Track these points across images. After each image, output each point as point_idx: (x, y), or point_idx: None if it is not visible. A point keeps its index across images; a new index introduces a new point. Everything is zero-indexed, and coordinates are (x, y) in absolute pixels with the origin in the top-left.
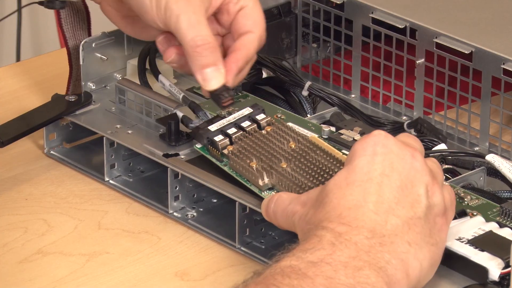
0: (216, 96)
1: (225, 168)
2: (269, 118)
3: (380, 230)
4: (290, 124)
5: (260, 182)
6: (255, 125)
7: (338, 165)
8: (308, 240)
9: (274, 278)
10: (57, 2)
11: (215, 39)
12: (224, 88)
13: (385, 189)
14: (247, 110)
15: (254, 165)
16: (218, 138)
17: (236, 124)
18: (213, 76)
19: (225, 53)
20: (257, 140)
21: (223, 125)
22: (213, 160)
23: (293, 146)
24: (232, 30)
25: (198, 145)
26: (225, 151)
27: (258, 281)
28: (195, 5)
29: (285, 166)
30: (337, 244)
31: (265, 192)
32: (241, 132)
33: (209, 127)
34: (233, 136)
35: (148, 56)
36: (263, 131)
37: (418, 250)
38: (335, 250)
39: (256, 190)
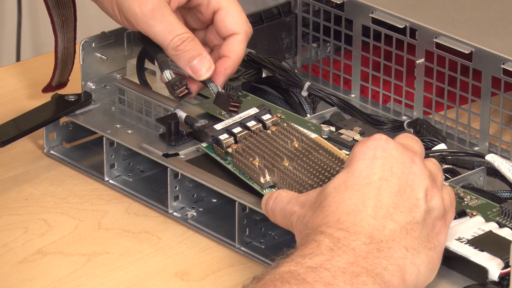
0: (170, 87)
1: (229, 167)
2: (274, 118)
3: (378, 236)
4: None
5: (262, 180)
6: (261, 124)
7: (340, 164)
8: (307, 245)
9: (274, 284)
10: None
11: (190, 31)
12: (177, 79)
13: (384, 194)
14: (253, 110)
15: (257, 163)
16: (223, 136)
17: (242, 124)
18: (202, 65)
19: (210, 48)
20: (261, 139)
21: (228, 124)
22: (218, 158)
23: (296, 145)
24: (216, 31)
25: (204, 144)
26: (230, 150)
27: (257, 287)
28: (160, 8)
29: (287, 164)
30: (335, 249)
31: (267, 190)
32: (246, 131)
33: (215, 126)
34: (238, 135)
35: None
36: (268, 130)
37: (415, 255)
38: (334, 256)
39: (258, 188)
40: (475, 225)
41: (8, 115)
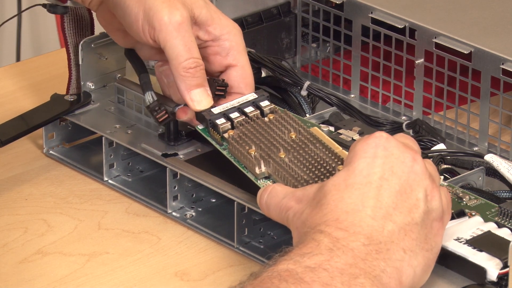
0: (150, 112)
1: (224, 152)
2: (272, 106)
3: (377, 237)
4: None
5: (257, 170)
6: (258, 111)
7: (336, 160)
8: (306, 243)
9: (271, 282)
10: (60, 7)
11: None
12: (157, 103)
13: (384, 194)
14: (251, 96)
15: (253, 152)
16: (220, 121)
17: (240, 109)
18: (202, 97)
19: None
20: (258, 127)
21: (226, 108)
22: (213, 142)
23: (293, 136)
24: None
25: (200, 126)
26: (226, 135)
27: (255, 284)
28: (187, 24)
29: (283, 156)
30: (334, 249)
31: (261, 181)
32: (244, 117)
33: (212, 109)
34: (235, 121)
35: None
36: (265, 118)
37: (412, 257)
38: (333, 256)
39: (252, 178)
40: (474, 225)
41: (8, 115)
